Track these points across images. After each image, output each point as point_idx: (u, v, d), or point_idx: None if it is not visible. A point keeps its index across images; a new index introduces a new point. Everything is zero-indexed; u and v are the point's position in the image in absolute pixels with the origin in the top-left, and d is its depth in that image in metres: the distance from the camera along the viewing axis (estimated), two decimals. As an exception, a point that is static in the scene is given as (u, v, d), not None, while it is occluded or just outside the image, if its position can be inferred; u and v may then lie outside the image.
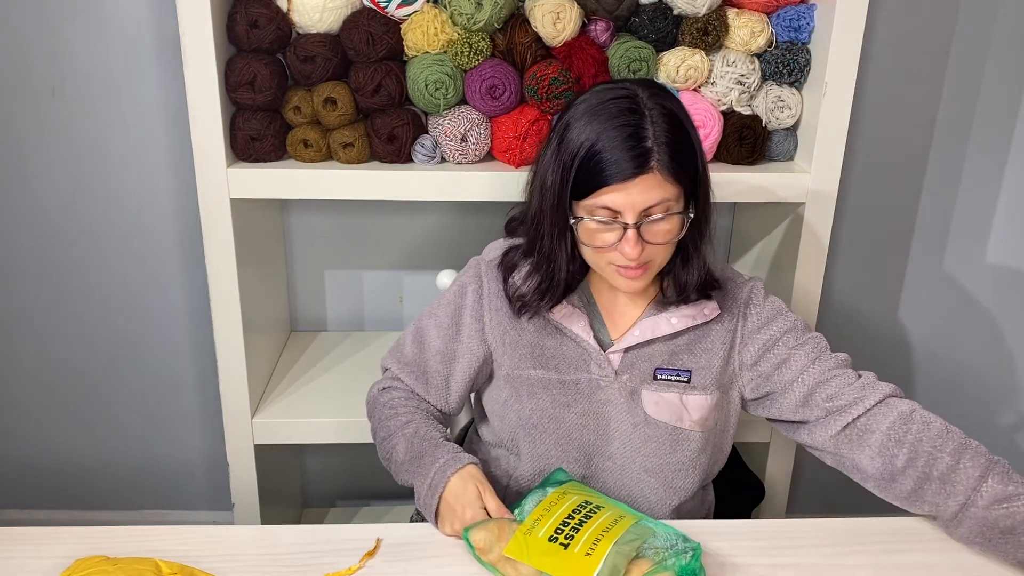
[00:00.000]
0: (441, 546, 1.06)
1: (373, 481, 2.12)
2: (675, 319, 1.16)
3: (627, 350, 1.17)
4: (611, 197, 1.03)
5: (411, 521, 1.43)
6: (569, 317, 1.16)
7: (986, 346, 2.02)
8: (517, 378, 1.19)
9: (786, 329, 1.17)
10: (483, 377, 1.25)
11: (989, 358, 2.03)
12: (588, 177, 1.03)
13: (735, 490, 1.44)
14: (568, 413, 1.17)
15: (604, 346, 1.18)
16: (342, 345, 1.89)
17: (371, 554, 1.04)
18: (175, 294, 1.89)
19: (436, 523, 1.09)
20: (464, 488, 1.07)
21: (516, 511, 1.07)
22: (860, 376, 1.14)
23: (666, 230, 1.07)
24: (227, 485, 1.67)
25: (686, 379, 1.17)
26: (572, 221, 1.07)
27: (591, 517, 1.02)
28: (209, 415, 1.99)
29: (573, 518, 1.02)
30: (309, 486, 2.13)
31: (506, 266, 1.19)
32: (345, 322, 1.97)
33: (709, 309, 1.16)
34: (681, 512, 1.23)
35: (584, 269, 1.15)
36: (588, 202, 1.05)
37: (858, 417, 1.11)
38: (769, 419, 1.22)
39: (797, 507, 2.06)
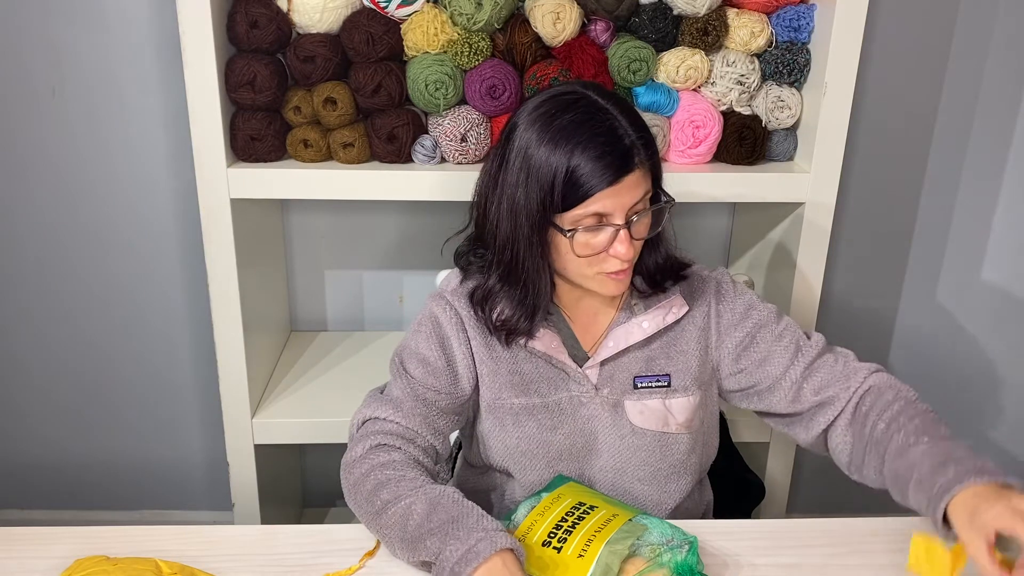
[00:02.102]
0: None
1: (373, 481, 2.12)
2: (646, 323, 1.14)
3: (603, 363, 1.15)
4: (602, 203, 1.01)
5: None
6: (542, 339, 1.13)
7: (987, 346, 2.02)
8: (499, 408, 1.15)
9: (761, 323, 1.16)
10: (470, 408, 1.19)
11: (990, 358, 2.03)
12: (574, 189, 1.00)
13: (735, 490, 1.44)
14: (555, 436, 1.15)
15: (580, 361, 1.15)
16: (342, 345, 1.89)
17: (371, 554, 1.04)
18: (175, 294, 1.89)
19: None
20: (502, 569, 0.92)
21: (509, 519, 1.06)
22: (839, 361, 1.15)
23: (648, 223, 1.07)
24: (227, 485, 1.67)
25: (666, 383, 1.16)
26: (568, 232, 1.03)
27: (584, 518, 1.02)
28: (209, 415, 1.99)
29: (566, 521, 1.02)
30: (309, 486, 2.13)
31: (479, 301, 1.13)
32: (345, 322, 1.97)
33: (677, 307, 1.15)
34: (679, 511, 1.22)
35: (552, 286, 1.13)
36: (577, 212, 1.02)
37: (843, 408, 1.13)
38: (758, 412, 1.22)
39: (797, 507, 2.06)
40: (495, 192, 1.07)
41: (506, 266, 1.08)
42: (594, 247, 1.04)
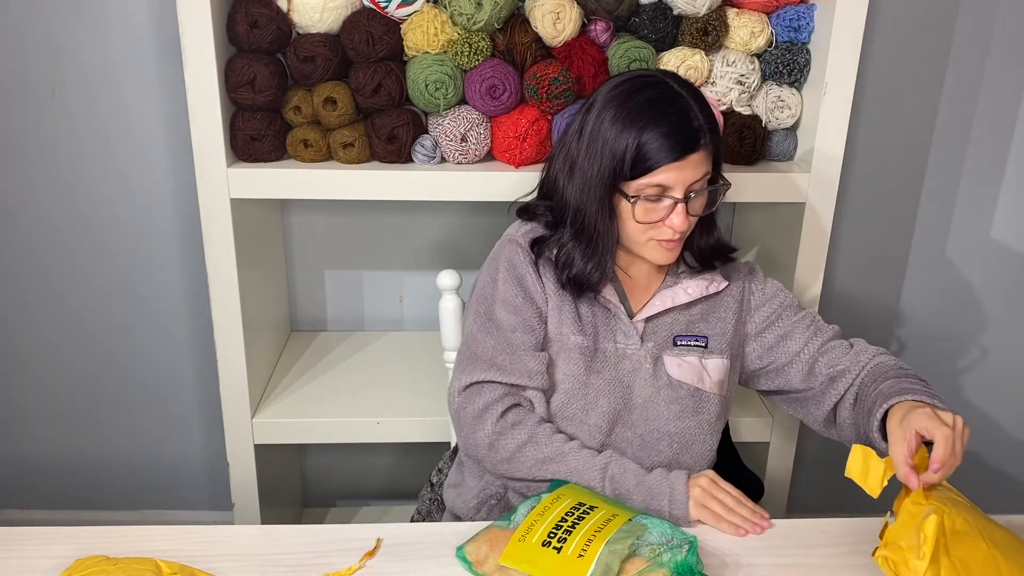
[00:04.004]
0: (441, 546, 1.06)
1: (373, 481, 2.12)
2: (690, 288, 1.25)
3: (648, 319, 1.24)
4: (665, 175, 1.12)
5: (411, 521, 1.44)
6: (603, 288, 1.22)
7: (985, 348, 2.02)
8: (559, 341, 1.23)
9: (786, 305, 1.29)
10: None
11: (988, 360, 2.03)
12: (642, 161, 1.11)
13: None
14: (598, 379, 1.22)
15: (628, 315, 1.25)
16: (342, 345, 1.89)
17: (371, 554, 1.04)
18: (175, 294, 1.89)
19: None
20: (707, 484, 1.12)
21: (509, 519, 1.06)
22: (852, 345, 1.27)
23: (704, 201, 1.18)
24: (227, 485, 1.67)
25: (704, 344, 1.25)
26: (632, 199, 1.13)
27: (584, 518, 1.02)
28: (209, 415, 1.99)
29: (566, 520, 1.02)
30: (309, 486, 2.13)
31: (556, 261, 1.22)
32: (345, 322, 1.97)
33: (718, 281, 1.26)
34: None
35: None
36: (642, 181, 1.13)
37: (852, 382, 1.22)
38: (770, 392, 1.31)
39: (797, 507, 2.06)
40: (573, 159, 1.18)
41: (579, 226, 1.19)
42: (653, 215, 1.15)
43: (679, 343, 1.24)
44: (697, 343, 1.24)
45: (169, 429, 2.02)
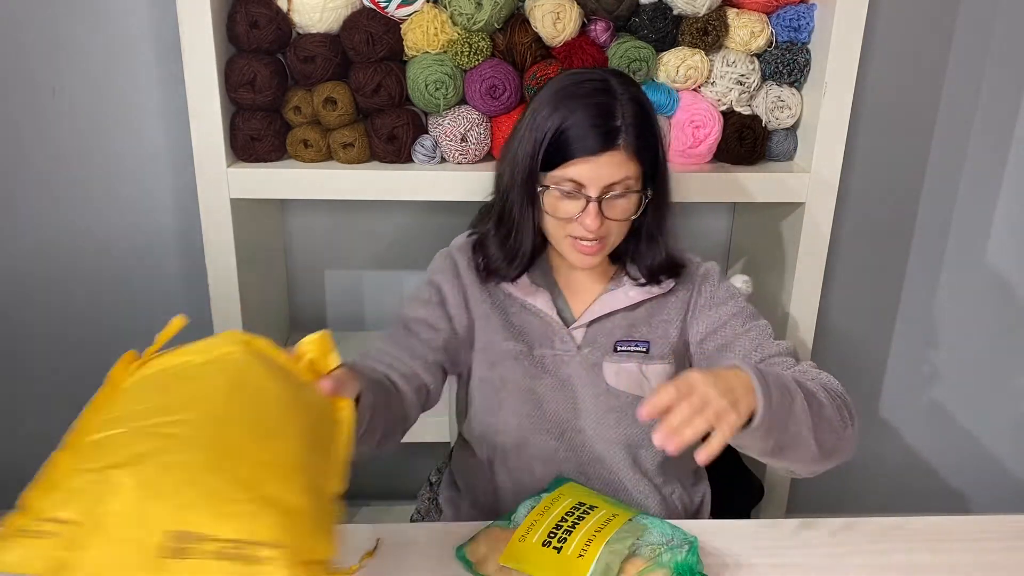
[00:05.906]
0: (441, 546, 1.06)
1: (373, 481, 2.12)
2: (632, 292, 1.20)
3: (589, 324, 1.20)
4: (578, 170, 1.08)
5: (411, 521, 1.44)
6: (533, 294, 1.20)
7: (986, 347, 2.02)
8: (492, 350, 1.21)
9: (735, 313, 1.20)
10: (464, 354, 1.23)
11: (989, 359, 2.03)
12: (558, 149, 1.08)
13: (735, 490, 1.44)
14: (539, 384, 1.20)
15: (567, 322, 1.21)
16: (342, 345, 1.85)
17: (371, 554, 1.04)
18: (175, 294, 1.89)
19: None
20: None
21: (509, 519, 1.07)
22: (798, 363, 1.14)
23: (624, 207, 1.12)
24: (227, 485, 1.66)
25: (644, 349, 1.21)
26: (540, 189, 1.11)
27: (584, 518, 1.02)
28: (209, 415, 1.99)
29: (566, 520, 1.02)
30: (309, 486, 2.12)
31: (475, 241, 1.23)
32: (345, 322, 1.97)
33: (664, 283, 1.21)
34: (664, 497, 1.23)
35: (544, 244, 1.21)
36: (556, 173, 1.10)
37: None
38: None
39: (797, 507, 2.06)
40: (509, 144, 1.18)
41: (500, 212, 1.18)
42: (564, 211, 1.11)
43: (619, 348, 1.20)
44: (637, 348, 1.20)
45: (169, 429, 2.01)
